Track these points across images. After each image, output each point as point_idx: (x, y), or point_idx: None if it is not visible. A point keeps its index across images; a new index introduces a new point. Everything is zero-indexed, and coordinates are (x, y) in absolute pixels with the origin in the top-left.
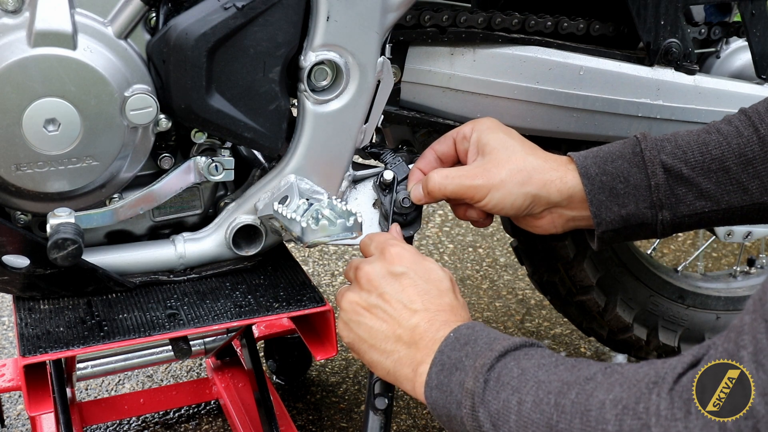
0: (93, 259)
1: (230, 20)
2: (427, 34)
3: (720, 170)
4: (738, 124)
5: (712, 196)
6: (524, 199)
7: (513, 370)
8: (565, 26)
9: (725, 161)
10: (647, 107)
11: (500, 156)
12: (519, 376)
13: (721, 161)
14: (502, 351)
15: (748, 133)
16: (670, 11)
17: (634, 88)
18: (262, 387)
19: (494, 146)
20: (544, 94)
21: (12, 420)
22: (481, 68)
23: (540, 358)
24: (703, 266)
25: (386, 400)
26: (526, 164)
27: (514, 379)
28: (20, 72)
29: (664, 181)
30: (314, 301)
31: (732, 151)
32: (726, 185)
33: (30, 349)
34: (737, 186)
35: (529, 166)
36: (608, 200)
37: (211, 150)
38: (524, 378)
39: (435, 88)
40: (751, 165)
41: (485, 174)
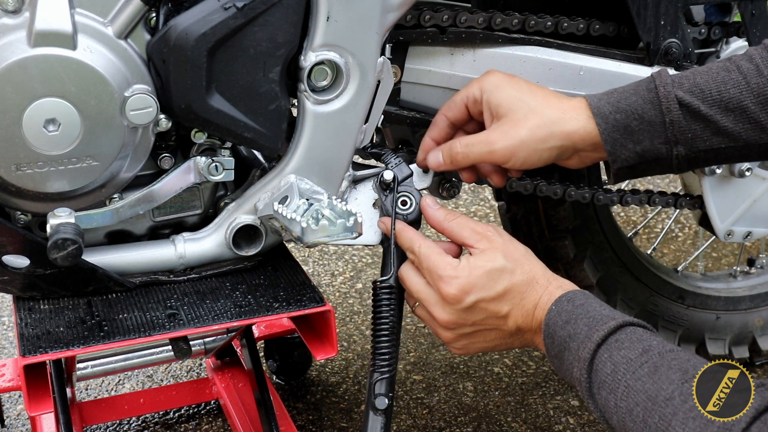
0: (93, 259)
1: (230, 20)
2: (427, 34)
3: (738, 109)
4: (759, 61)
5: (730, 133)
6: (549, 153)
7: (606, 365)
8: (565, 26)
9: (743, 101)
10: None
11: (517, 115)
12: (612, 374)
13: (739, 100)
14: (599, 341)
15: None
16: (670, 11)
17: None
18: (262, 387)
19: (508, 106)
20: None
21: (12, 420)
22: (481, 68)
23: (627, 350)
24: (703, 266)
25: (386, 400)
26: (545, 119)
27: (608, 377)
28: (20, 72)
29: (680, 117)
30: (314, 301)
31: (751, 90)
32: (743, 123)
33: (30, 349)
34: (755, 124)
35: (548, 120)
36: (623, 138)
37: (211, 150)
38: (616, 378)
39: (435, 88)
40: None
41: (505, 137)
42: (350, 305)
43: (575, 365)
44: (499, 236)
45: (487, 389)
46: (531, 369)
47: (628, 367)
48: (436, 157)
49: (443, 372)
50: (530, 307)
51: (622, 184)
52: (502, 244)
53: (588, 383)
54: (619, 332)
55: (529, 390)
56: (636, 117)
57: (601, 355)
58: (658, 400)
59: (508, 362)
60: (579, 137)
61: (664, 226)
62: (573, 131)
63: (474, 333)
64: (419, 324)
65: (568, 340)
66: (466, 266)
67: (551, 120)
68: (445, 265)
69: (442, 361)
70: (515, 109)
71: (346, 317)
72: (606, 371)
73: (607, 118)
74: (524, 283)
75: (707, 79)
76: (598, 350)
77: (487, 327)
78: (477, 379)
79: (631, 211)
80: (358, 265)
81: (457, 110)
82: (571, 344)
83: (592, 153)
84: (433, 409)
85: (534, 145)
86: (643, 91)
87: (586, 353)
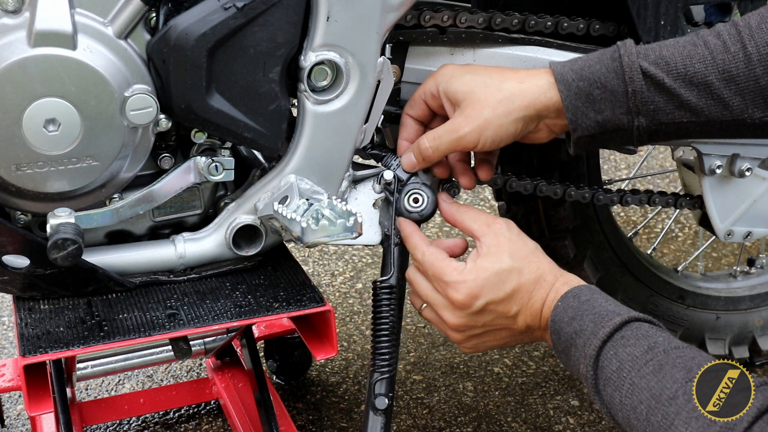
0: (93, 259)
1: (230, 20)
2: (427, 34)
3: (702, 84)
4: (726, 38)
5: (692, 108)
6: (515, 125)
7: (612, 362)
8: (565, 26)
9: (708, 76)
10: None
11: (475, 97)
12: (617, 371)
13: (704, 75)
14: (604, 338)
15: (735, 49)
16: (670, 11)
17: None
18: (262, 387)
19: (465, 90)
20: None
21: (12, 420)
22: None
23: (632, 347)
24: (703, 266)
25: (386, 400)
26: (504, 93)
27: (614, 374)
28: (20, 72)
29: (642, 87)
30: (314, 301)
31: (716, 66)
32: (707, 99)
33: (30, 349)
34: (718, 101)
35: (507, 93)
36: (584, 106)
37: (211, 150)
38: (621, 375)
39: None
40: (734, 82)
41: (469, 120)
42: (350, 305)
43: (581, 362)
44: (507, 231)
45: (487, 389)
46: (531, 369)
47: (633, 364)
48: (408, 158)
49: (443, 372)
50: (538, 306)
51: (622, 184)
52: (508, 241)
53: (594, 380)
54: (625, 328)
55: (529, 390)
56: (599, 86)
57: (607, 352)
58: (662, 399)
59: (508, 362)
60: (541, 104)
61: (664, 226)
62: (534, 98)
63: (484, 333)
64: (419, 324)
65: (574, 336)
66: (473, 269)
67: (510, 93)
68: (451, 271)
69: (442, 361)
70: (472, 91)
71: (346, 317)
72: (611, 368)
73: (570, 85)
74: (532, 282)
75: (673, 53)
76: (603, 347)
77: (497, 327)
78: (477, 379)
79: (631, 211)
80: (358, 265)
81: (418, 108)
82: (578, 341)
83: (557, 120)
84: (433, 409)
85: (498, 121)
86: (608, 60)
87: (591, 350)
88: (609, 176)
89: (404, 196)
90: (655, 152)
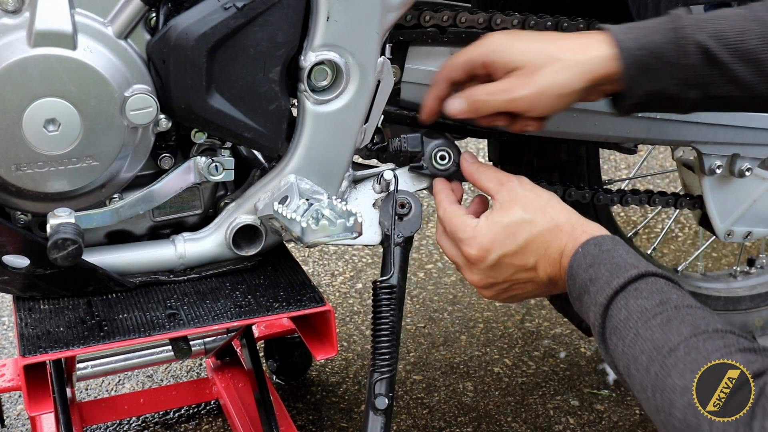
0: (93, 259)
1: (230, 20)
2: (427, 34)
3: (755, 60)
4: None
5: (744, 83)
6: (570, 96)
7: (621, 311)
8: (565, 26)
9: (759, 53)
10: None
11: (533, 64)
12: (624, 320)
13: (757, 53)
14: (618, 288)
15: None
16: (670, 11)
17: None
18: (262, 387)
19: (521, 59)
20: None
21: (12, 420)
22: None
23: (644, 299)
24: (703, 266)
25: (386, 400)
26: (564, 63)
27: (620, 324)
28: (20, 72)
29: (699, 61)
30: (314, 301)
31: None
32: (758, 75)
33: (30, 349)
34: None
35: (567, 63)
36: (640, 75)
37: (211, 150)
38: (628, 325)
39: None
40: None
41: (525, 85)
42: (350, 305)
43: (592, 309)
44: (519, 187)
45: (487, 389)
46: (531, 369)
47: (642, 315)
48: (457, 104)
49: (443, 372)
50: (556, 256)
51: (622, 184)
52: (521, 195)
53: (602, 328)
54: (640, 281)
55: (529, 390)
56: (656, 56)
57: (618, 302)
58: (663, 350)
59: (508, 362)
60: (600, 75)
61: (664, 226)
62: (594, 70)
63: (511, 287)
64: (419, 324)
65: (589, 283)
66: (485, 224)
67: (570, 63)
68: (465, 227)
69: (442, 361)
70: (530, 59)
71: (346, 317)
72: (619, 318)
73: (630, 52)
74: (546, 231)
75: (728, 27)
76: (615, 297)
77: (520, 281)
78: (477, 379)
79: (631, 211)
80: (358, 265)
81: (456, 71)
82: (591, 288)
83: (609, 86)
84: (433, 409)
85: (556, 91)
86: (664, 30)
87: (603, 298)
88: (609, 176)
89: (431, 154)
90: (655, 152)
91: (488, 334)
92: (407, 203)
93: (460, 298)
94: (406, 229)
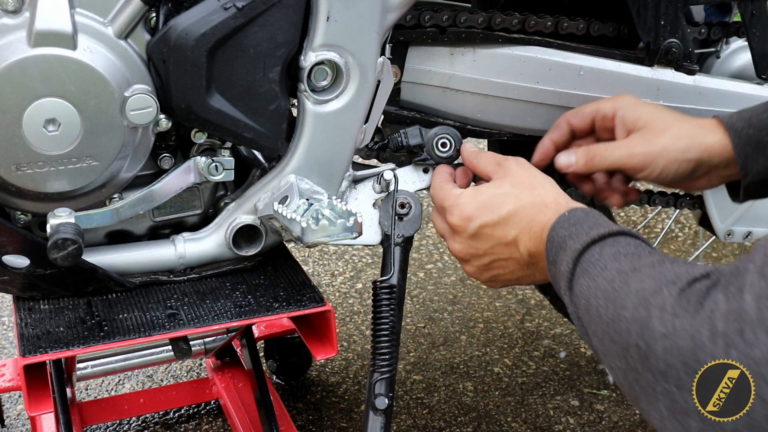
0: (93, 259)
1: (230, 20)
2: (427, 34)
3: None
4: None
5: None
6: (687, 165)
7: (594, 255)
8: (565, 26)
9: None
10: None
11: (656, 126)
12: (595, 262)
13: None
14: (596, 237)
15: None
16: (670, 11)
17: (634, 88)
18: (262, 387)
19: (647, 119)
20: (544, 94)
21: (12, 420)
22: (481, 68)
23: (620, 246)
24: None
25: (386, 400)
26: (684, 131)
27: (591, 266)
28: (20, 72)
29: None
30: (314, 301)
31: None
32: None
33: (30, 349)
34: None
35: (687, 132)
36: (755, 152)
37: (211, 150)
38: (597, 265)
39: (435, 88)
40: None
41: (646, 144)
42: (350, 305)
43: (564, 260)
44: (516, 165)
45: (487, 389)
46: (531, 369)
47: (614, 257)
48: (568, 158)
49: (443, 372)
50: (537, 229)
51: None
52: (514, 172)
53: (570, 274)
54: (620, 236)
55: (529, 390)
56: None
57: (593, 249)
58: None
59: (508, 362)
60: (716, 151)
61: (664, 226)
62: (711, 144)
63: (492, 263)
64: (419, 324)
65: (567, 238)
66: (470, 193)
67: (690, 133)
68: (450, 195)
69: (442, 361)
70: (654, 120)
71: (346, 317)
72: (591, 260)
73: (740, 132)
74: (531, 206)
75: None
76: (592, 245)
77: (501, 256)
78: (477, 379)
79: (631, 211)
80: (358, 265)
81: (582, 120)
82: (569, 242)
83: (724, 170)
84: (433, 409)
85: (674, 155)
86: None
87: (579, 245)
88: None
89: (432, 143)
90: None
91: (488, 334)
92: (407, 203)
93: (460, 298)
94: (406, 229)
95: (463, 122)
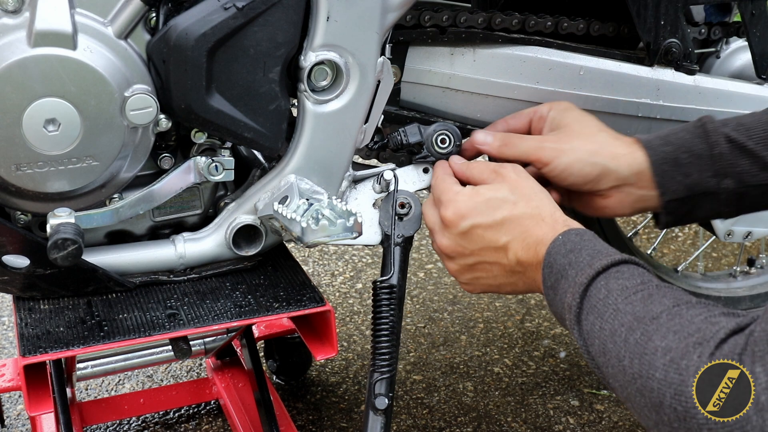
0: (93, 259)
1: (230, 20)
2: (427, 34)
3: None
4: None
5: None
6: (592, 168)
7: (601, 291)
8: (565, 26)
9: None
10: (647, 107)
11: (574, 128)
12: (604, 299)
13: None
14: (600, 269)
15: None
16: (670, 11)
17: (634, 88)
18: (262, 387)
19: (569, 121)
20: (545, 94)
21: (12, 420)
22: (481, 68)
23: (625, 279)
24: (703, 266)
25: (386, 400)
26: (598, 138)
27: (599, 302)
28: (20, 72)
29: (728, 150)
30: (314, 301)
31: None
32: None
33: (30, 349)
34: None
35: (600, 139)
36: (672, 169)
37: (211, 150)
38: (607, 302)
39: (435, 88)
40: None
41: (557, 140)
42: (350, 305)
43: (569, 292)
44: (514, 172)
45: (487, 389)
46: (531, 369)
47: (622, 293)
48: (485, 136)
49: (443, 372)
50: (532, 242)
51: None
52: (513, 179)
53: (578, 309)
54: (623, 265)
55: (529, 390)
56: (685, 150)
57: (598, 282)
58: (644, 320)
59: (508, 362)
60: (625, 162)
61: None
62: (620, 154)
63: (476, 265)
64: (419, 324)
65: (567, 267)
66: (468, 192)
67: (603, 140)
68: (449, 190)
69: (442, 361)
70: (574, 123)
71: (346, 317)
72: (599, 297)
73: (657, 149)
74: (527, 216)
75: (752, 120)
76: (596, 277)
77: (487, 260)
78: (477, 379)
79: None
80: (358, 265)
81: (519, 121)
82: (570, 272)
83: (637, 189)
84: (433, 409)
85: (580, 155)
86: (691, 127)
87: (583, 278)
88: None
89: (431, 140)
90: None
91: (488, 334)
92: (407, 203)
93: (460, 298)
94: (406, 229)
95: (463, 122)
